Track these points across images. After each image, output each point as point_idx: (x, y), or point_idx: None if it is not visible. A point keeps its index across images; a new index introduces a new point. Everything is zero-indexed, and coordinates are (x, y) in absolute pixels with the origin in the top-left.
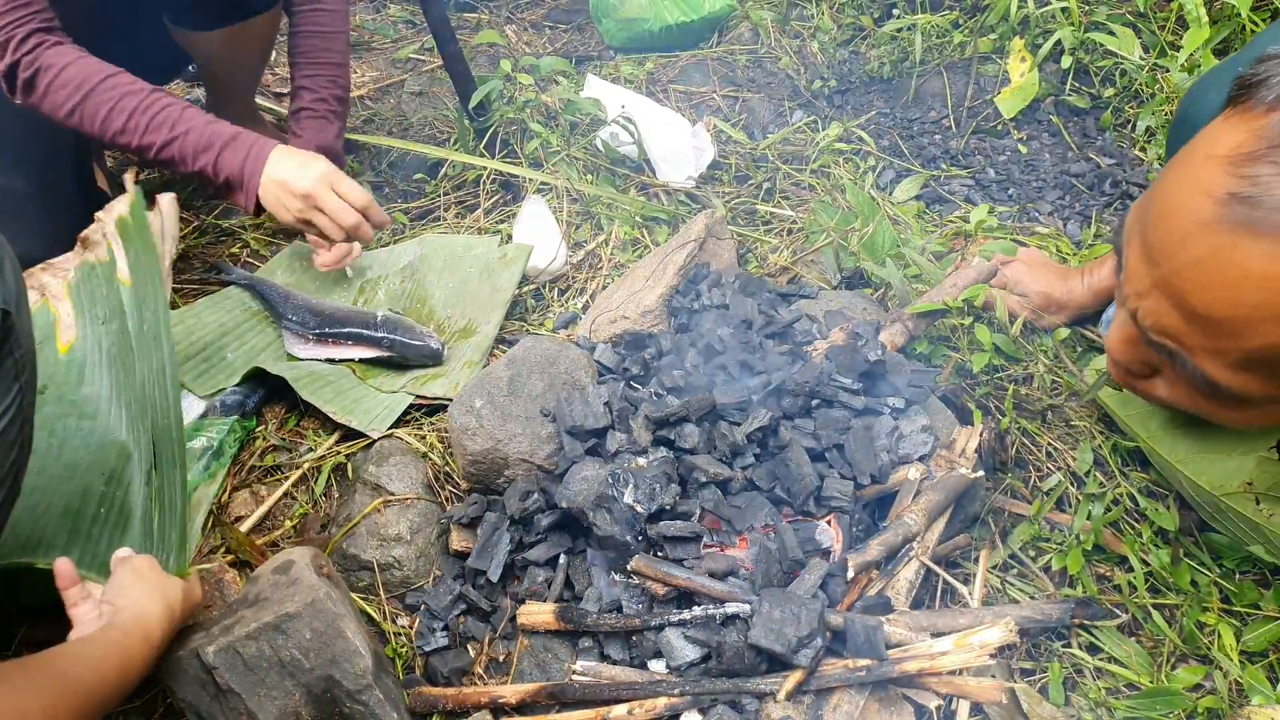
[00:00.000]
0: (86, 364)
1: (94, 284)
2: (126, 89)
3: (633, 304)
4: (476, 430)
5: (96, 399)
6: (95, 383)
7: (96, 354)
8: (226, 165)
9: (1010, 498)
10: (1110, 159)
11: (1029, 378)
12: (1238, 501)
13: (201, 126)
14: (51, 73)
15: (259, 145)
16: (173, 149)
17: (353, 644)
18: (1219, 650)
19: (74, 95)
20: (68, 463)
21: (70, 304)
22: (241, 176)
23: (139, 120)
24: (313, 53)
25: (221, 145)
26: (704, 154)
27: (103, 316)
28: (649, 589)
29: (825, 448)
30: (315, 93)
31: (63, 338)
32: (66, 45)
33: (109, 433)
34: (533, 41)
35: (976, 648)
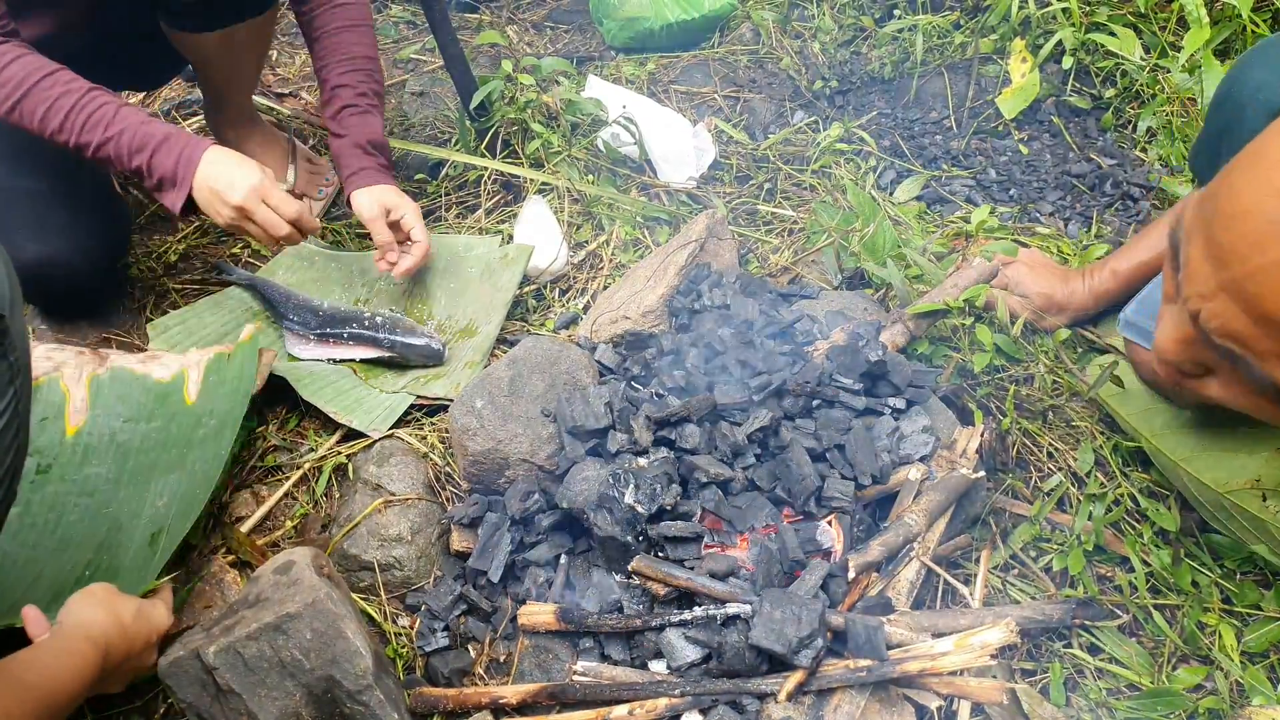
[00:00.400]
0: (94, 449)
1: (128, 389)
2: (64, 87)
3: (634, 304)
4: (477, 430)
5: (97, 479)
6: (99, 465)
7: (105, 442)
8: (159, 166)
9: (1011, 498)
10: (1111, 160)
11: (1030, 378)
12: (1243, 499)
13: (135, 126)
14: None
15: (190, 147)
16: (108, 149)
17: (353, 644)
18: (1220, 651)
19: (13, 94)
20: (62, 537)
21: (87, 393)
22: (175, 178)
23: (75, 119)
24: (343, 48)
25: (154, 146)
26: (705, 154)
27: (124, 415)
28: (650, 589)
29: (826, 448)
30: (354, 89)
31: (72, 420)
32: (9, 44)
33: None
34: (534, 42)
35: (977, 648)
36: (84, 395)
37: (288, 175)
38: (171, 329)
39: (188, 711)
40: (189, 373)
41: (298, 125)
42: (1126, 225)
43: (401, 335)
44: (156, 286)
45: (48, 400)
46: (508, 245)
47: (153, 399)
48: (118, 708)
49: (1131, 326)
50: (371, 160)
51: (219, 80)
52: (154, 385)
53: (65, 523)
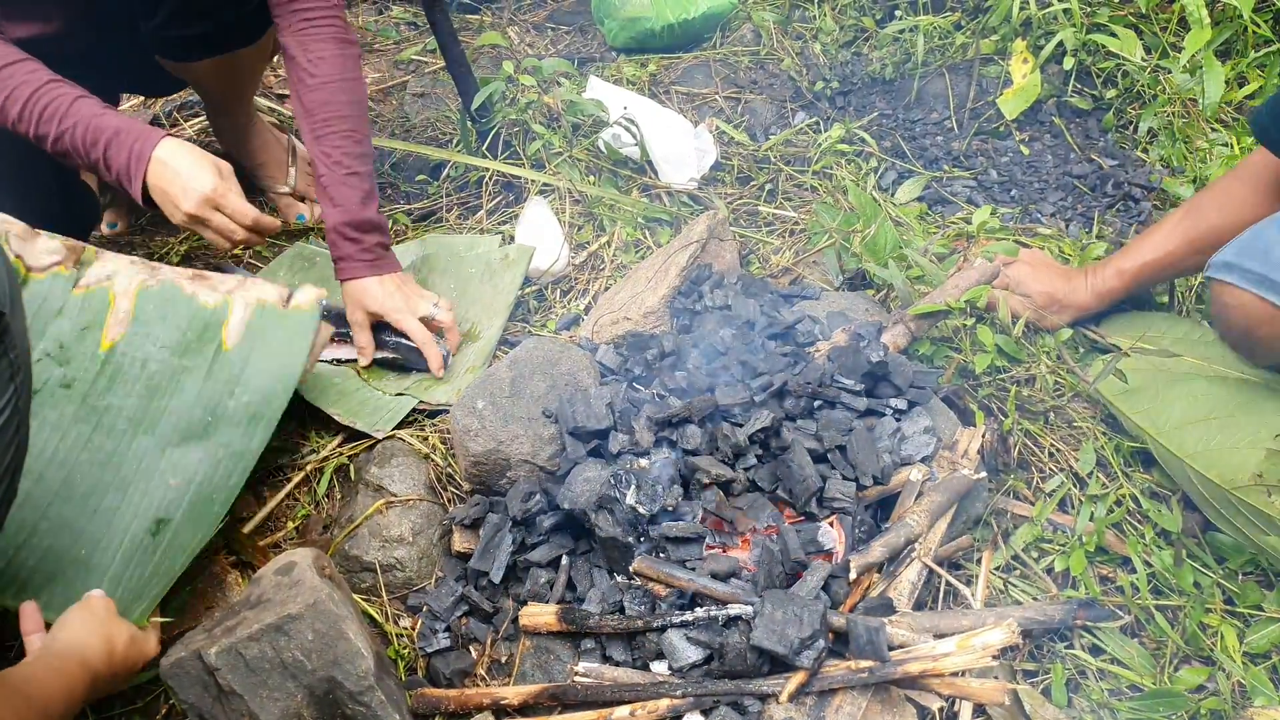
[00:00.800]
0: (121, 374)
1: (172, 308)
2: (23, 78)
3: (635, 305)
4: (479, 431)
5: (116, 416)
6: (121, 398)
7: (136, 369)
8: (113, 161)
9: (1013, 499)
10: (1112, 160)
11: (1031, 379)
12: (1248, 494)
13: (88, 119)
14: None
15: (140, 141)
16: (64, 142)
17: (355, 645)
18: (1222, 651)
19: None
20: (67, 480)
21: (133, 304)
22: (127, 174)
23: (32, 110)
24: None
25: (105, 141)
26: (706, 155)
27: (161, 340)
28: (651, 590)
29: (828, 449)
30: (329, 156)
31: (110, 332)
32: None
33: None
34: (535, 43)
35: (979, 649)
36: (129, 306)
37: (288, 177)
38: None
39: (189, 712)
40: (233, 306)
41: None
42: (1128, 226)
43: (406, 339)
44: None
45: (92, 308)
46: (508, 246)
47: (195, 327)
48: (119, 709)
49: (1235, 270)
50: (351, 248)
51: (216, 95)
52: (198, 310)
53: (74, 461)
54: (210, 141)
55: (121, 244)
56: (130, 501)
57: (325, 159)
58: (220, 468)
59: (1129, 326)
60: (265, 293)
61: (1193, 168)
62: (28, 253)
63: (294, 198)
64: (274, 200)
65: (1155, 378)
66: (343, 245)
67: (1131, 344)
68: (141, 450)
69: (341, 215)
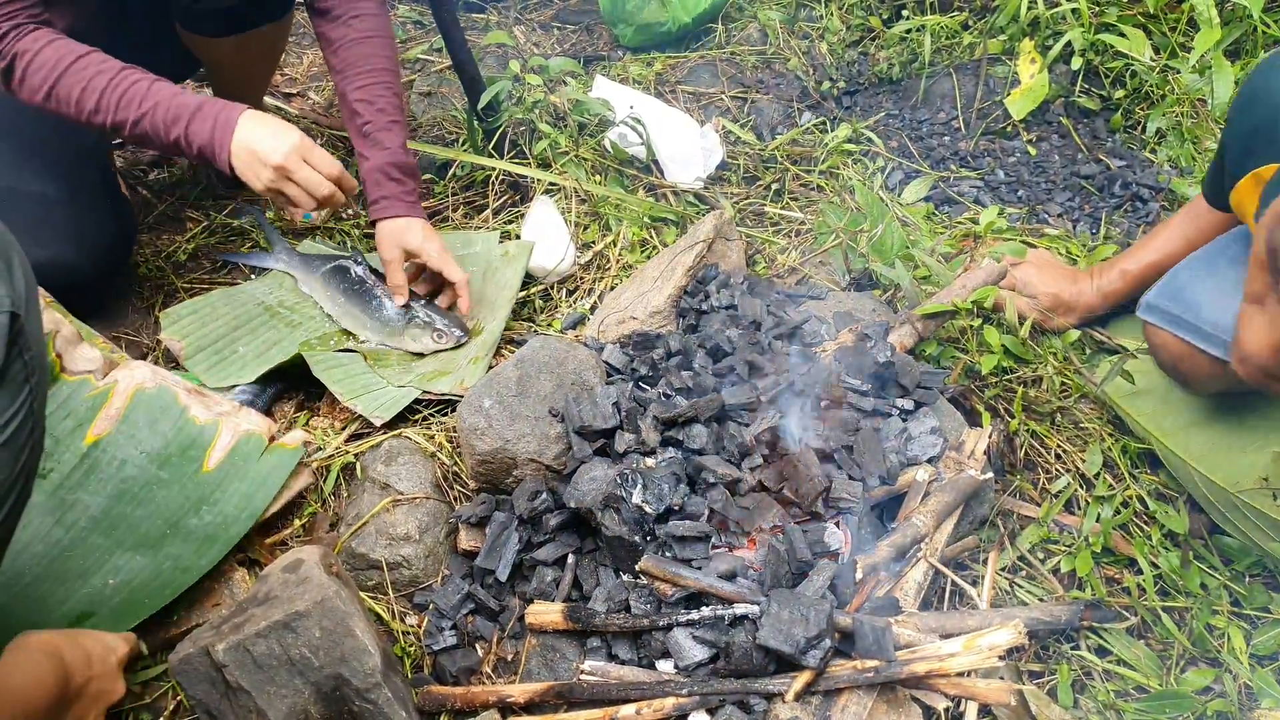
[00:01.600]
0: (97, 470)
1: (163, 415)
2: (98, 68)
3: (641, 304)
4: (485, 430)
5: (81, 513)
6: (90, 495)
7: (112, 469)
8: (196, 136)
9: (1019, 500)
10: (1120, 161)
11: (1038, 380)
12: (1254, 498)
13: (168, 99)
14: (27, 58)
15: (225, 111)
16: (144, 125)
17: (362, 642)
18: (1229, 653)
19: (49, 78)
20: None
21: (125, 405)
22: (212, 145)
23: (109, 99)
24: (359, 62)
25: (189, 116)
26: (712, 155)
27: (143, 446)
28: (657, 589)
29: (834, 449)
30: (373, 104)
31: (97, 427)
32: (42, 30)
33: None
34: (541, 42)
35: (985, 649)
36: (122, 405)
37: None
38: (184, 319)
39: (197, 708)
40: (222, 430)
41: (305, 126)
42: (1135, 226)
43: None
44: (165, 285)
45: (93, 406)
46: (508, 242)
47: (180, 441)
48: (127, 705)
49: (1155, 310)
50: (394, 188)
51: (232, 82)
52: (187, 424)
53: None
54: None
55: None
56: (65, 593)
57: (370, 106)
58: (160, 578)
59: (1135, 328)
60: (255, 424)
61: (1201, 169)
62: (68, 355)
63: None
64: None
65: (1162, 380)
66: (386, 185)
67: (1138, 346)
68: (92, 548)
69: (388, 157)
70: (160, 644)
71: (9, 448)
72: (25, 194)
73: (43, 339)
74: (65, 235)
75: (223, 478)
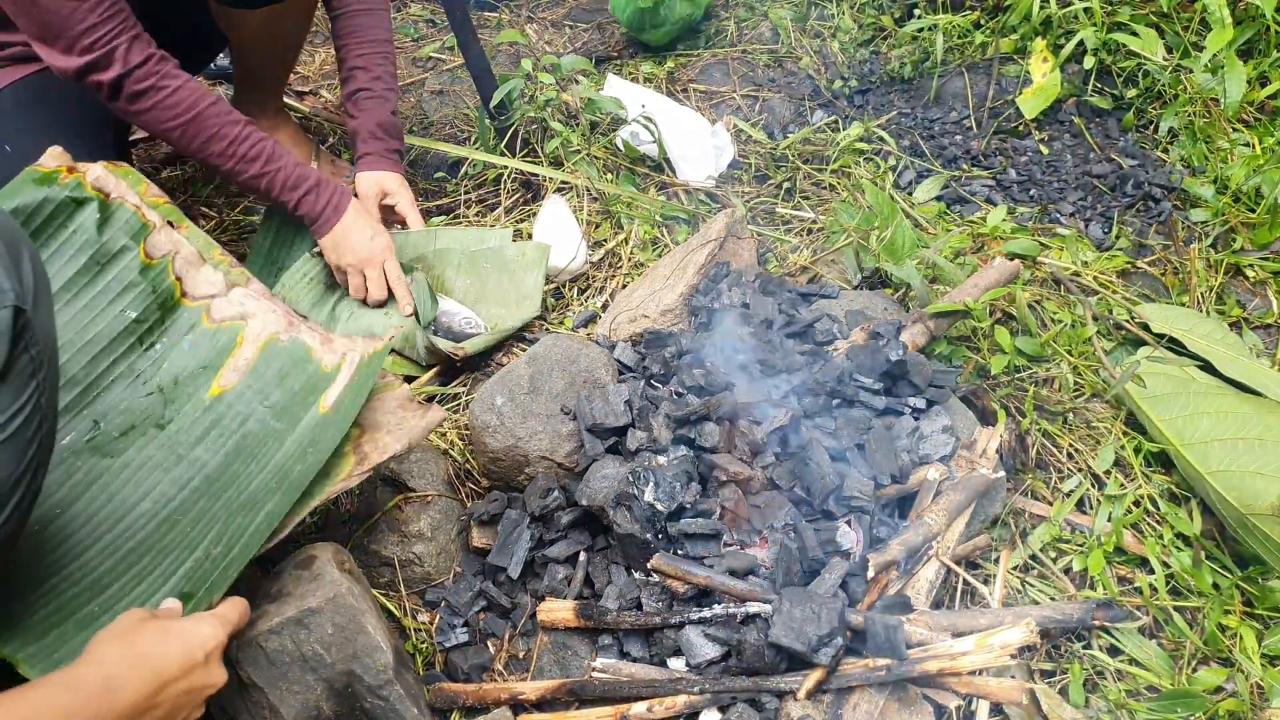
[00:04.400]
0: (218, 426)
1: (294, 369)
2: (228, 118)
3: (653, 303)
4: (497, 428)
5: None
6: (209, 453)
7: (234, 425)
8: (308, 205)
9: (1030, 499)
10: (1133, 160)
11: (1050, 380)
12: (1265, 522)
13: (291, 166)
14: (164, 93)
15: (340, 196)
16: (263, 180)
17: (374, 639)
18: (1241, 653)
19: (182, 115)
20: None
21: (256, 356)
22: (319, 218)
23: (238, 149)
24: (360, 31)
25: (309, 187)
26: (724, 153)
27: (271, 399)
28: (669, 587)
29: (846, 447)
30: (370, 71)
31: (224, 378)
32: (172, 64)
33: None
34: (553, 40)
35: (997, 648)
36: (252, 356)
37: None
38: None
39: (209, 704)
40: (344, 368)
41: (317, 123)
42: (1148, 226)
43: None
44: None
45: (217, 345)
46: (525, 243)
47: (305, 391)
48: None
49: None
50: (379, 144)
51: (256, 63)
52: (315, 373)
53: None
54: None
55: None
56: (167, 568)
57: (367, 73)
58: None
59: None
60: (370, 346)
61: (1213, 168)
62: (189, 277)
63: None
64: None
65: (1187, 386)
66: (371, 142)
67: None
68: (200, 513)
69: (376, 118)
70: None
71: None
72: None
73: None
74: None
75: (335, 415)
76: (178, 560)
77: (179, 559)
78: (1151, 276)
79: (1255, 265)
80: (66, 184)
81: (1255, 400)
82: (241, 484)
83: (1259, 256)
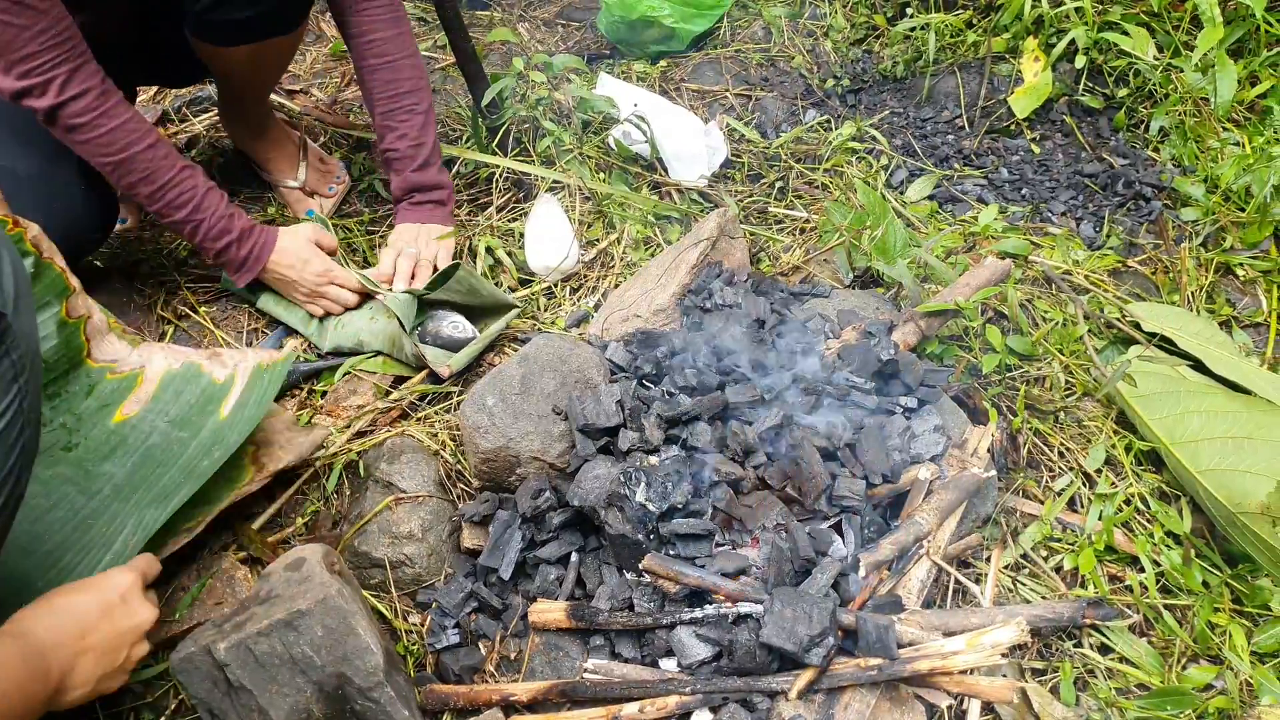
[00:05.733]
0: (124, 444)
1: (189, 385)
2: (161, 162)
3: (645, 302)
4: (488, 428)
5: (105, 482)
6: (116, 466)
7: (139, 440)
8: (229, 255)
9: (1022, 498)
10: (1124, 159)
11: (1041, 379)
12: (1254, 520)
13: (215, 218)
14: (99, 131)
15: (261, 247)
16: (186, 227)
17: (364, 641)
18: (1230, 650)
19: (113, 155)
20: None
21: (155, 388)
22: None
23: (166, 194)
24: (382, 87)
25: (229, 240)
26: (716, 153)
27: (171, 415)
28: (660, 587)
29: (837, 447)
30: (395, 130)
31: (127, 408)
32: (114, 99)
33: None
34: (545, 39)
35: (988, 647)
36: (152, 389)
37: (298, 173)
38: None
39: (199, 707)
40: (236, 378)
41: (308, 123)
42: (1138, 225)
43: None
44: (167, 282)
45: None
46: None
47: (201, 403)
48: (128, 704)
49: None
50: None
51: (239, 88)
52: (208, 386)
53: (47, 519)
54: (220, 137)
55: (131, 238)
56: (89, 563)
57: (392, 133)
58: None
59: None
60: (262, 357)
61: (1204, 167)
62: (96, 342)
63: (303, 193)
64: (284, 195)
65: (1177, 385)
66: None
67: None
68: (113, 514)
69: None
70: (162, 642)
71: None
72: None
73: (35, 336)
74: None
75: (234, 419)
76: (97, 556)
77: (98, 556)
78: (1142, 275)
79: (1245, 264)
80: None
81: (1245, 399)
82: (151, 484)
83: (1249, 255)
